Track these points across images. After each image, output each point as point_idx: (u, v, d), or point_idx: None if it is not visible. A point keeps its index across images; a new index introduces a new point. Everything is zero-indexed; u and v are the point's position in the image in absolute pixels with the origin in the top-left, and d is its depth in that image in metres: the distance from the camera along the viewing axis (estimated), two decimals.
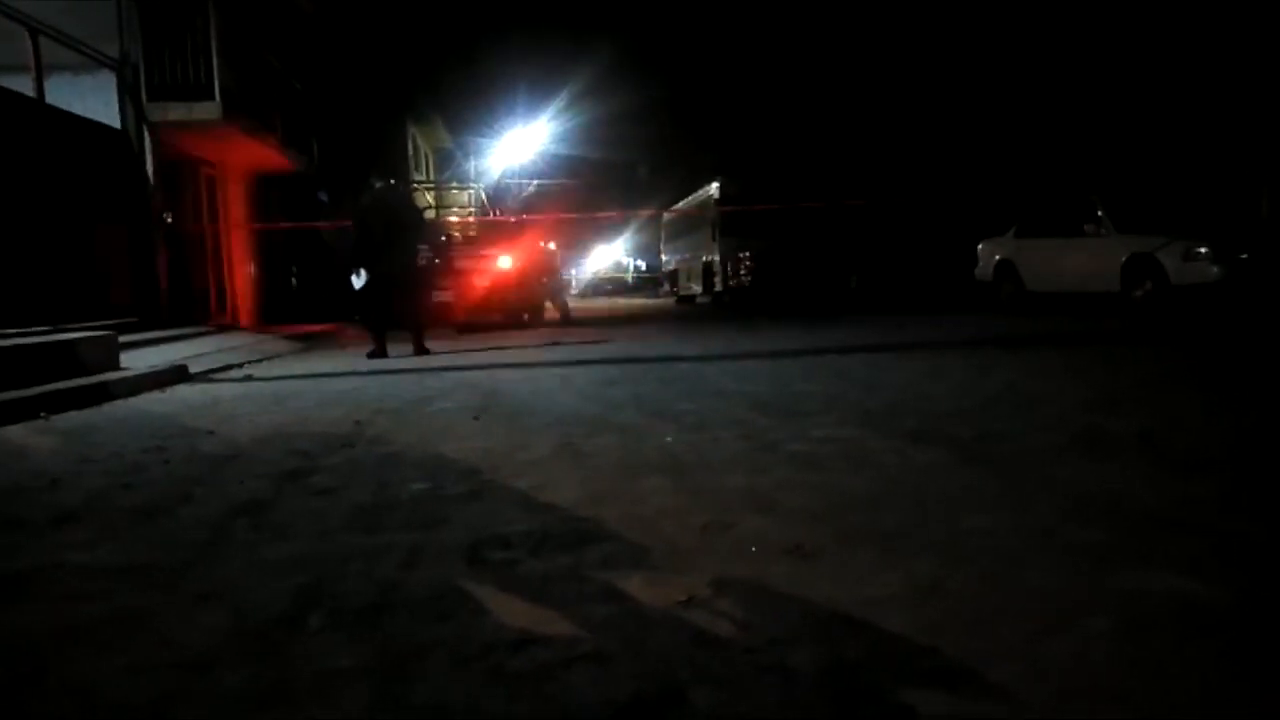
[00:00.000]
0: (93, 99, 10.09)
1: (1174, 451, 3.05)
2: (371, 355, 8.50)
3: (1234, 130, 16.07)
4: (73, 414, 5.05)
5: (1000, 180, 18.80)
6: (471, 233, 17.81)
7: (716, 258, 19.99)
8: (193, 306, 11.99)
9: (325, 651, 1.66)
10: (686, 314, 17.91)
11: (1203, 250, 9.94)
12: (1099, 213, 11.38)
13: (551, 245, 18.15)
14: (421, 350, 8.81)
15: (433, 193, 26.02)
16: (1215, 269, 9.83)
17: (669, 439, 3.64)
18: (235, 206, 14.25)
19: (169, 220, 11.25)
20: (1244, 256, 9.85)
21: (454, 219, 22.00)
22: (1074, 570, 1.92)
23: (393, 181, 10.66)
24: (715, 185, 20.10)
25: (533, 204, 34.10)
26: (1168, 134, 17.10)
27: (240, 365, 8.02)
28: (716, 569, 2.02)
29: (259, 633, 1.76)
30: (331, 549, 2.29)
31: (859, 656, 1.54)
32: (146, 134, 10.83)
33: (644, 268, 52.56)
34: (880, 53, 23.05)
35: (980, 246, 14.18)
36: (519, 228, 17.86)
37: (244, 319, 14.06)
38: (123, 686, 1.56)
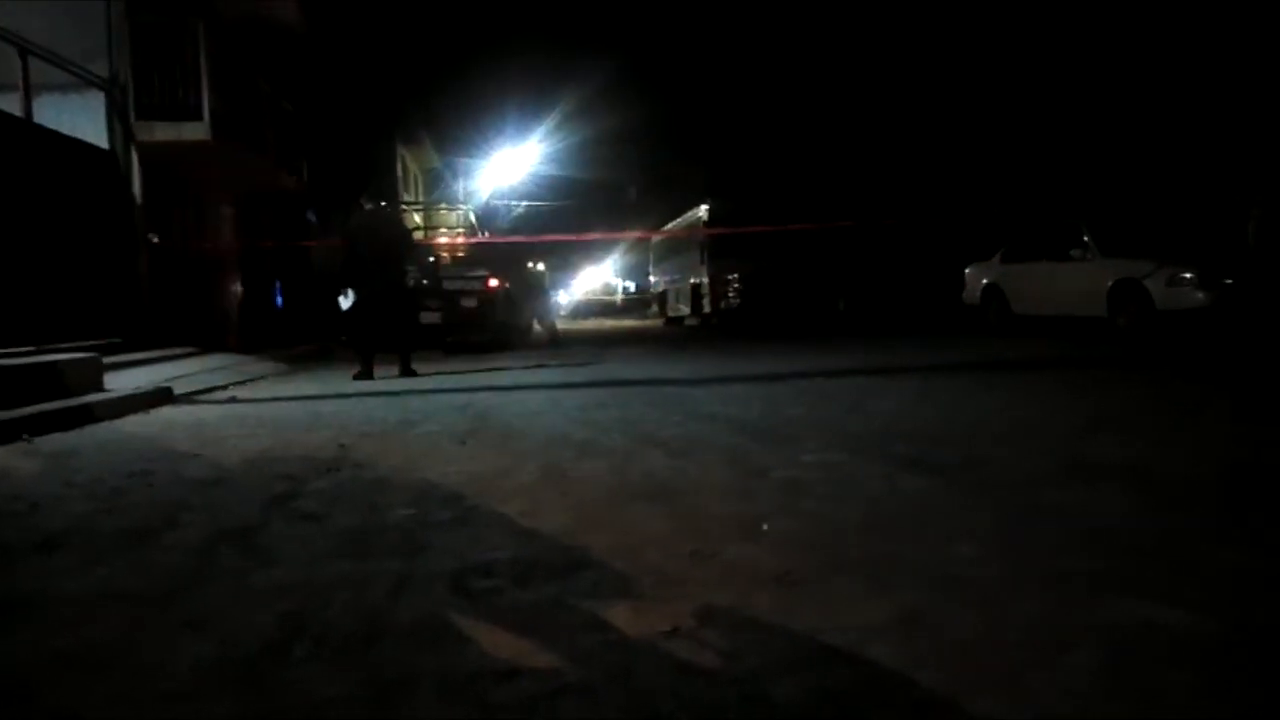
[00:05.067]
0: (81, 119, 10.06)
1: (1161, 480, 3.07)
2: (357, 377, 8.46)
3: (1220, 156, 16.24)
4: (56, 436, 5.02)
5: (988, 204, 18.95)
6: (460, 254, 17.83)
7: (705, 280, 20.07)
8: (178, 327, 11.93)
9: (311, 681, 1.65)
10: (675, 336, 17.93)
11: (1188, 275, 10.02)
12: (1085, 238, 11.48)
13: (540, 266, 18.21)
14: (408, 372, 8.79)
15: (421, 213, 26.03)
16: (1200, 294, 9.91)
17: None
18: (222, 226, 14.23)
19: (155, 240, 11.22)
20: (1229, 282, 9.92)
21: (443, 240, 22.01)
22: (1060, 600, 1.93)
23: (382, 203, 10.67)
24: (704, 207, 20.21)
25: (521, 225, 34.16)
26: (1153, 160, 17.28)
27: (225, 387, 7.98)
28: (703, 598, 2.02)
29: (245, 661, 1.75)
30: (317, 576, 2.28)
31: (843, 687, 1.54)
32: (134, 154, 10.81)
33: (632, 289, 52.69)
34: (870, 77, 23.26)
35: (968, 270, 14.30)
36: (507, 249, 17.92)
37: (230, 340, 13.98)
38: (106, 716, 1.54)
